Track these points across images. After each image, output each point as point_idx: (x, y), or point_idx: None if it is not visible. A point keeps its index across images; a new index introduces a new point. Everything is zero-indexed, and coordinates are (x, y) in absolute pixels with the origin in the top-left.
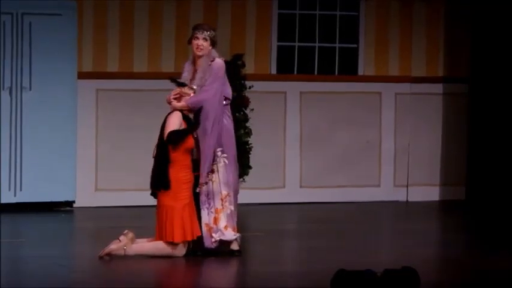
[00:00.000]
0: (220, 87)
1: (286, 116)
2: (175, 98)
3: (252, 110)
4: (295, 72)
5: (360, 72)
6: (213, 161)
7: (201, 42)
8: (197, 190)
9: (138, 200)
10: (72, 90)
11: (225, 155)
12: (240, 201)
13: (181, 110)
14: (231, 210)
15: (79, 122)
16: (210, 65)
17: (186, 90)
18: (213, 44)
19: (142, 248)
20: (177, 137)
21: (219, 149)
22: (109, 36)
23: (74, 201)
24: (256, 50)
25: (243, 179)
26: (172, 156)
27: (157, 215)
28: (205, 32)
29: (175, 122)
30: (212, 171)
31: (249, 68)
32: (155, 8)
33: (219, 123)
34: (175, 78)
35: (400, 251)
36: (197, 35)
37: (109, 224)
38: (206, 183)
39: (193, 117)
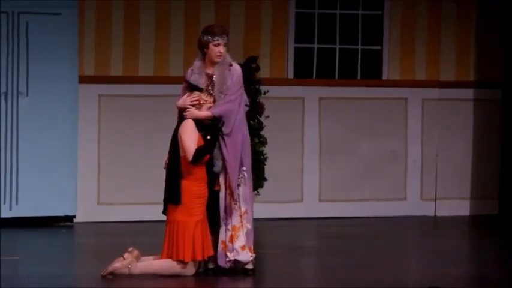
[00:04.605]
0: (242, 96)
1: (304, 123)
2: (193, 105)
3: (267, 117)
4: (314, 77)
5: (384, 76)
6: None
7: (223, 49)
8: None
9: (144, 215)
10: (73, 95)
11: (244, 168)
12: (254, 216)
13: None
14: (248, 229)
15: (80, 129)
16: (229, 70)
17: (205, 96)
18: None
19: (149, 267)
20: (203, 155)
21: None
22: (112, 37)
23: (74, 216)
24: (271, 52)
25: (257, 192)
26: (186, 168)
27: (166, 231)
28: (226, 38)
29: (192, 137)
30: (238, 185)
31: (264, 72)
32: (163, 7)
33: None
34: (193, 84)
35: (427, 269)
36: (219, 42)
37: (112, 240)
38: (235, 199)
39: (212, 126)
